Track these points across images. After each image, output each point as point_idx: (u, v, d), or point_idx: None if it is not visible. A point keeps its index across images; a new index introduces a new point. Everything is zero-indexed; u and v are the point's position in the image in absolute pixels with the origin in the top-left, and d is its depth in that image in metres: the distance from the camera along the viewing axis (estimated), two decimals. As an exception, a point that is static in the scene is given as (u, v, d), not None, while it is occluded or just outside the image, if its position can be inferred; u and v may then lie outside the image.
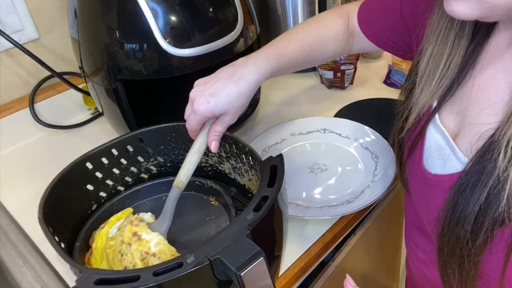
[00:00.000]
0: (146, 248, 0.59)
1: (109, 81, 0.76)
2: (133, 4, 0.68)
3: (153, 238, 0.60)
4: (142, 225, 0.62)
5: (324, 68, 1.08)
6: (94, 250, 0.64)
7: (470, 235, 0.47)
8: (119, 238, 0.62)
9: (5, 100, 0.98)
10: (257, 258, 0.46)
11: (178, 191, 0.65)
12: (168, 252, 0.60)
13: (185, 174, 0.64)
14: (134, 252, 0.59)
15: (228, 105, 0.60)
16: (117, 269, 0.59)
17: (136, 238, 0.60)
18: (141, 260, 0.59)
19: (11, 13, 0.91)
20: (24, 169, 0.92)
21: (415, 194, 0.60)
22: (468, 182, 0.46)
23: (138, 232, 0.61)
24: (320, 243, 0.69)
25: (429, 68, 0.53)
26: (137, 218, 0.63)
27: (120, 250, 0.60)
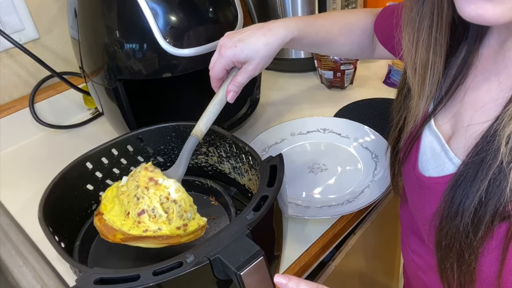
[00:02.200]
0: (166, 194, 0.58)
1: (109, 81, 0.76)
2: (133, 4, 0.68)
3: (172, 184, 0.59)
4: (157, 171, 0.60)
5: (324, 68, 1.08)
6: (103, 199, 0.62)
7: (471, 227, 0.46)
8: (133, 184, 0.59)
9: (5, 100, 0.98)
10: (257, 257, 0.46)
11: (195, 140, 0.64)
12: (187, 201, 0.59)
13: (205, 124, 0.63)
14: (152, 195, 0.57)
15: (254, 52, 0.61)
16: (133, 212, 0.57)
17: (153, 183, 0.58)
18: (161, 204, 0.57)
19: (11, 13, 0.91)
20: (24, 169, 0.92)
21: (410, 198, 0.60)
22: (466, 174, 0.46)
23: (154, 177, 0.59)
24: (319, 243, 0.69)
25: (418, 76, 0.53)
26: (151, 164, 0.62)
27: (135, 194, 0.58)
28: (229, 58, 0.61)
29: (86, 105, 1.06)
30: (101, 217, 0.59)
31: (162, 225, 0.57)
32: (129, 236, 0.56)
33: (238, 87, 0.63)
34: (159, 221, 0.57)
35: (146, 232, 0.56)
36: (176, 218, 0.57)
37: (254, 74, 0.63)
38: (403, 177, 0.62)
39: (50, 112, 1.01)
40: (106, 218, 0.59)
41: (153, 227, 0.57)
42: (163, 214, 0.57)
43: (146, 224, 0.57)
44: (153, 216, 0.57)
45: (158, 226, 0.57)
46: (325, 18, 0.71)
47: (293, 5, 1.06)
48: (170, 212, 0.57)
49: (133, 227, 0.57)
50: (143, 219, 0.57)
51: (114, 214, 0.59)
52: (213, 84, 0.65)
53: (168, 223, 0.57)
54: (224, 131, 0.71)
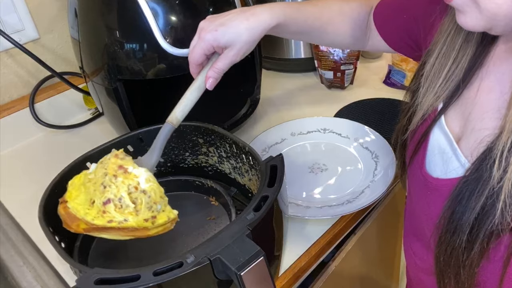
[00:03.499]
0: (135, 183, 0.54)
1: (109, 81, 0.76)
2: (133, 4, 0.68)
3: (142, 173, 0.55)
4: (128, 159, 0.57)
5: (324, 68, 1.08)
6: (69, 186, 0.58)
7: (466, 245, 0.46)
8: (101, 171, 0.55)
9: (5, 100, 0.98)
10: (257, 258, 0.46)
11: (171, 127, 0.60)
12: (158, 192, 0.56)
13: (181, 111, 0.60)
14: (120, 184, 0.54)
15: (235, 37, 0.57)
16: (98, 201, 0.53)
17: (122, 171, 0.54)
18: (128, 194, 0.54)
19: (11, 13, 0.91)
20: (24, 169, 0.92)
21: (416, 198, 0.59)
22: (465, 190, 0.46)
23: (124, 165, 0.55)
24: (320, 243, 0.69)
25: (435, 69, 0.52)
26: (122, 152, 0.58)
27: (102, 182, 0.54)
28: (209, 42, 0.58)
29: (86, 105, 1.06)
30: (65, 205, 0.55)
31: (128, 216, 0.53)
32: (92, 226, 0.53)
33: (218, 73, 0.59)
34: (126, 212, 0.53)
35: (110, 223, 0.53)
36: (144, 209, 0.54)
37: (235, 60, 0.60)
38: (409, 176, 0.61)
39: (50, 112, 1.01)
40: (70, 206, 0.55)
41: (118, 218, 0.53)
42: (130, 205, 0.53)
43: (111, 214, 0.53)
44: (119, 206, 0.53)
45: (124, 217, 0.53)
46: (315, 5, 0.67)
47: (293, 5, 1.06)
48: (138, 203, 0.54)
49: (97, 217, 0.53)
50: (109, 209, 0.53)
51: (78, 203, 0.55)
52: (192, 69, 0.62)
53: (135, 214, 0.54)
54: (225, 131, 0.71)
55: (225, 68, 0.60)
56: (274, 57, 1.16)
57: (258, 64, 0.94)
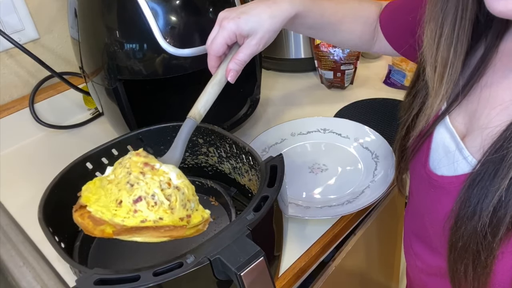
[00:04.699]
0: (166, 179, 0.50)
1: (109, 81, 0.76)
2: (133, 4, 0.68)
3: (171, 169, 0.51)
4: (151, 157, 0.53)
5: (324, 68, 1.08)
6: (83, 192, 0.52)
7: (489, 228, 0.44)
8: (123, 171, 0.51)
9: (5, 100, 0.98)
10: (257, 258, 0.46)
11: (193, 123, 0.57)
12: (190, 189, 0.52)
13: (203, 106, 0.57)
14: (150, 181, 0.49)
15: (258, 25, 0.57)
16: (127, 200, 0.48)
17: (149, 168, 0.50)
18: (161, 190, 0.49)
19: (11, 13, 0.91)
20: (24, 169, 0.92)
21: (418, 197, 0.59)
22: (484, 173, 0.44)
23: (149, 162, 0.51)
24: (320, 243, 0.69)
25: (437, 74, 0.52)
26: (143, 151, 0.54)
27: (128, 181, 0.49)
28: (231, 31, 0.56)
29: (86, 105, 1.06)
30: (83, 211, 0.49)
31: (163, 214, 0.48)
32: (123, 228, 0.47)
33: (240, 65, 0.58)
34: (160, 210, 0.48)
35: (144, 222, 0.47)
36: (179, 207, 0.49)
37: (257, 51, 0.59)
38: (411, 175, 0.61)
39: (50, 112, 1.01)
40: (92, 210, 0.48)
41: (153, 217, 0.48)
42: (165, 201, 0.48)
43: (144, 213, 0.47)
44: (152, 203, 0.48)
45: (159, 216, 0.48)
46: (331, 0, 0.67)
47: (293, 5, 1.06)
48: (173, 200, 0.49)
49: (128, 217, 0.47)
50: (141, 207, 0.48)
51: (101, 205, 0.49)
52: (211, 63, 0.60)
53: (170, 212, 0.48)
54: (224, 131, 0.71)
55: (247, 59, 0.58)
56: (274, 57, 1.16)
57: (258, 64, 0.94)
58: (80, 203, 0.50)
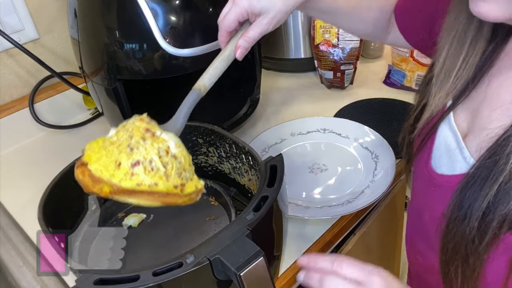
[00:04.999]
0: (165, 147, 0.51)
1: (109, 81, 0.76)
2: (133, 4, 0.68)
3: (171, 138, 0.53)
4: (153, 123, 0.54)
5: (324, 68, 1.08)
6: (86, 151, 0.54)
7: (477, 232, 0.45)
8: (125, 134, 0.52)
9: (5, 100, 0.98)
10: (256, 258, 0.46)
11: (198, 94, 0.57)
12: (187, 159, 0.53)
13: (209, 79, 0.57)
14: (150, 147, 0.50)
15: (271, 4, 0.56)
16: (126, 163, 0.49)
17: (150, 134, 0.52)
18: (159, 157, 0.50)
19: (11, 13, 0.91)
20: (24, 169, 0.92)
21: (420, 194, 0.59)
22: (477, 177, 0.45)
23: (151, 129, 0.52)
24: (320, 243, 0.69)
25: (445, 68, 0.52)
26: (147, 116, 0.55)
27: (129, 144, 0.50)
28: (244, 8, 0.56)
29: (86, 105, 1.06)
30: (84, 169, 0.51)
31: (159, 180, 0.50)
32: (119, 189, 0.49)
33: (249, 42, 0.58)
34: (156, 176, 0.50)
35: (139, 186, 0.49)
36: (174, 175, 0.51)
37: (267, 30, 0.58)
38: (414, 172, 0.61)
39: (50, 112, 1.01)
40: (92, 168, 0.50)
41: (148, 181, 0.49)
42: (161, 168, 0.50)
43: (140, 177, 0.49)
44: (149, 169, 0.50)
45: (154, 181, 0.50)
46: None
47: (293, 5, 1.06)
48: (169, 167, 0.51)
49: (125, 179, 0.49)
50: (138, 171, 0.49)
51: (101, 164, 0.50)
52: (221, 38, 0.60)
53: (165, 179, 0.50)
54: (224, 131, 0.71)
55: (256, 37, 0.58)
56: (274, 57, 1.16)
57: (258, 64, 0.94)
58: (82, 161, 0.52)
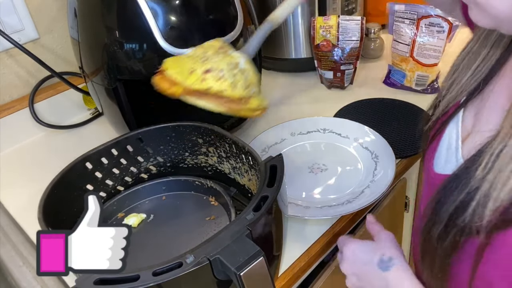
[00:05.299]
0: (235, 61, 0.57)
1: (109, 81, 0.76)
2: (133, 4, 0.68)
3: (242, 56, 0.58)
4: (227, 44, 0.60)
5: (324, 68, 1.08)
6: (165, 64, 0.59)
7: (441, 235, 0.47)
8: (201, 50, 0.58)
9: (5, 100, 0.98)
10: (256, 258, 0.46)
11: (270, 26, 0.62)
12: (254, 76, 0.59)
13: (281, 13, 0.62)
14: (221, 59, 0.56)
15: None
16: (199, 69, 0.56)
17: (223, 51, 0.57)
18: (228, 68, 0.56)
19: (11, 13, 0.91)
20: (24, 169, 0.92)
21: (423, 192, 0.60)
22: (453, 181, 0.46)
23: (224, 47, 0.58)
24: (320, 243, 0.69)
25: (464, 64, 0.53)
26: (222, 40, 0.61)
27: (203, 56, 0.57)
28: None
29: (86, 105, 1.06)
30: (162, 75, 0.57)
31: (227, 87, 0.55)
32: (191, 90, 0.55)
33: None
34: (224, 84, 0.55)
35: (209, 90, 0.55)
36: (240, 87, 0.56)
37: None
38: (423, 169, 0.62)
39: (50, 112, 1.01)
40: (169, 74, 0.56)
41: (217, 87, 0.55)
42: (229, 78, 0.55)
43: (210, 82, 0.55)
44: (219, 77, 0.55)
45: (222, 88, 0.55)
46: None
47: (293, 5, 1.06)
48: (237, 79, 0.56)
49: (196, 83, 0.55)
50: (208, 77, 0.55)
51: (177, 71, 0.56)
52: None
53: (232, 88, 0.56)
54: (224, 131, 0.71)
55: None
56: (274, 57, 1.16)
57: (258, 64, 0.94)
58: (161, 69, 0.58)
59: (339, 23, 1.03)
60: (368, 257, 0.56)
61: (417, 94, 1.03)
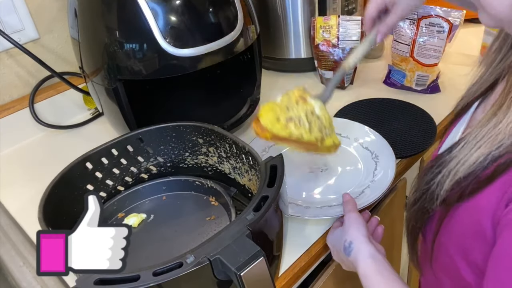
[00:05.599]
0: (311, 109, 0.68)
1: (109, 81, 0.76)
2: (133, 4, 0.68)
3: (317, 103, 0.69)
4: (307, 92, 0.70)
5: (324, 68, 1.08)
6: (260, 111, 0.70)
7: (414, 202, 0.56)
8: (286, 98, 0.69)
9: (5, 100, 0.98)
10: (257, 258, 0.46)
11: (343, 72, 0.73)
12: (328, 120, 0.69)
13: (353, 59, 0.72)
14: (300, 108, 0.68)
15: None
16: (283, 118, 0.67)
17: (302, 100, 0.69)
18: (305, 115, 0.67)
19: (11, 13, 0.91)
20: (24, 169, 0.92)
21: None
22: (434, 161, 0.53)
23: (304, 96, 0.69)
24: (320, 243, 0.69)
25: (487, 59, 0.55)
26: (303, 88, 0.71)
27: (286, 106, 0.68)
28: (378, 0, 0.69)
29: (86, 105, 1.06)
30: (258, 121, 0.67)
31: (304, 133, 0.67)
32: (277, 136, 0.67)
33: (388, 28, 0.70)
34: (302, 129, 0.67)
35: (290, 136, 0.67)
36: (316, 130, 0.68)
37: (403, 16, 0.69)
38: None
39: (50, 112, 1.01)
40: (262, 122, 0.67)
41: (296, 133, 0.67)
42: (306, 124, 0.67)
43: (291, 130, 0.67)
44: (298, 124, 0.67)
45: (301, 133, 0.67)
46: None
47: (293, 5, 1.06)
48: (313, 124, 0.68)
49: (281, 130, 0.67)
50: (290, 125, 0.67)
51: (268, 120, 0.67)
52: (367, 25, 0.72)
53: (309, 132, 0.67)
54: (224, 131, 0.71)
55: (394, 23, 0.70)
56: (274, 57, 1.16)
57: (258, 64, 0.94)
58: (257, 116, 0.68)
59: (339, 23, 1.03)
60: (339, 245, 0.63)
61: (417, 94, 1.03)
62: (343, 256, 0.61)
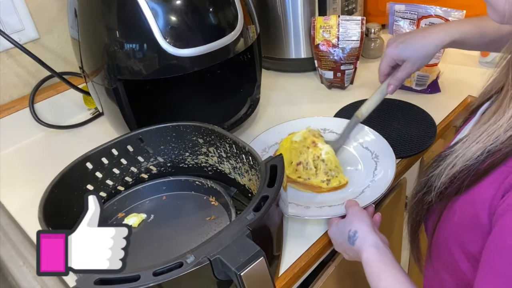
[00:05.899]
0: (318, 153, 0.77)
1: (109, 81, 0.76)
2: (133, 4, 0.68)
3: (325, 148, 0.77)
4: (321, 138, 0.79)
5: (324, 68, 1.08)
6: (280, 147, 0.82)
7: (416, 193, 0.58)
8: (302, 142, 0.79)
9: (5, 100, 0.98)
10: (257, 258, 0.46)
11: (357, 120, 0.81)
12: (333, 162, 0.77)
13: (367, 108, 0.80)
14: (310, 154, 0.77)
15: (412, 53, 0.73)
16: (295, 161, 0.78)
17: (314, 145, 0.78)
18: (313, 160, 0.76)
19: (11, 13, 0.91)
20: (24, 169, 0.92)
21: None
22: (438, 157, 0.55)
23: (316, 141, 0.78)
24: (320, 243, 0.69)
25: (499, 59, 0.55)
26: (319, 132, 0.81)
27: (300, 150, 0.78)
28: (391, 57, 0.76)
29: (86, 105, 1.06)
30: None
31: (311, 176, 0.76)
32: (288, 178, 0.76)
33: (398, 81, 0.77)
34: (309, 173, 0.76)
35: (299, 178, 0.76)
36: (321, 173, 0.76)
37: (412, 71, 0.75)
38: None
39: (50, 112, 1.01)
40: None
41: (304, 176, 0.76)
42: (312, 168, 0.76)
43: (300, 172, 0.76)
44: (306, 168, 0.76)
45: (308, 176, 0.76)
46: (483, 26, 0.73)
47: (293, 5, 1.06)
48: (318, 168, 0.76)
49: (291, 173, 0.77)
50: (299, 169, 0.76)
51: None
52: (380, 79, 0.81)
53: (315, 175, 0.76)
54: (224, 131, 0.71)
55: (404, 78, 0.77)
56: (274, 57, 1.16)
57: (258, 64, 0.94)
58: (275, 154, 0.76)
59: (339, 23, 1.03)
60: (342, 235, 0.64)
61: (417, 94, 1.03)
62: (347, 245, 0.62)
